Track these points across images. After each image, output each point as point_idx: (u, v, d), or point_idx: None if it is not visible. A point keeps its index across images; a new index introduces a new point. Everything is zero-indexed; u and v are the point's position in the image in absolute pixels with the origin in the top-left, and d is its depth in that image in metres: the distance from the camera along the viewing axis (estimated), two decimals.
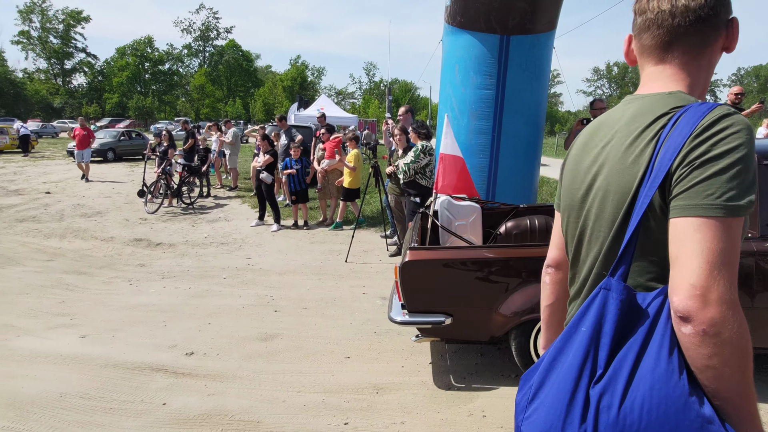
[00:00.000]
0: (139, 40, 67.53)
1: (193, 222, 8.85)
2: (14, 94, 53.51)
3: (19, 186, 12.47)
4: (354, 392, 3.25)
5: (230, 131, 12.12)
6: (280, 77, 70.25)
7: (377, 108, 58.81)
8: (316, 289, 5.38)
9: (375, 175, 6.61)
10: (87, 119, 21.12)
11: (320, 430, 2.84)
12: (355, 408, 3.07)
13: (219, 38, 75.26)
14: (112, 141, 20.08)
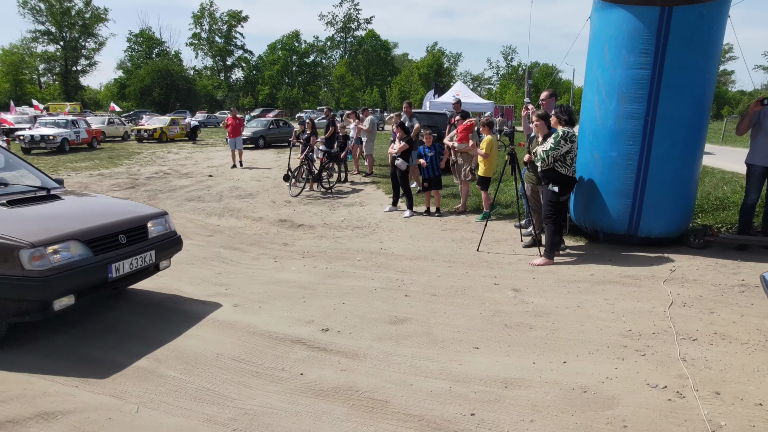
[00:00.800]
0: (287, 35, 72.77)
1: (331, 206, 9.35)
2: (187, 89, 61.11)
3: (189, 170, 14.25)
4: (482, 384, 3.19)
5: (367, 119, 12.54)
6: (416, 65, 70.97)
7: (514, 93, 56.72)
8: (446, 276, 5.37)
9: (511, 163, 6.37)
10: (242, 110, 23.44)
11: (446, 417, 2.83)
12: (482, 400, 3.01)
13: (359, 29, 78.16)
14: (263, 129, 22.01)
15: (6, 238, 3.33)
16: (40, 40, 63.56)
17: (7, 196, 4.22)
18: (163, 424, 2.80)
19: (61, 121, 20.70)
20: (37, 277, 3.29)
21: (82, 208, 4.47)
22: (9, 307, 3.41)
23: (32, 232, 3.46)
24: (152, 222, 4.35)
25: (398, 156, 8.19)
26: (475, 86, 76.36)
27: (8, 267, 3.30)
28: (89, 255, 3.64)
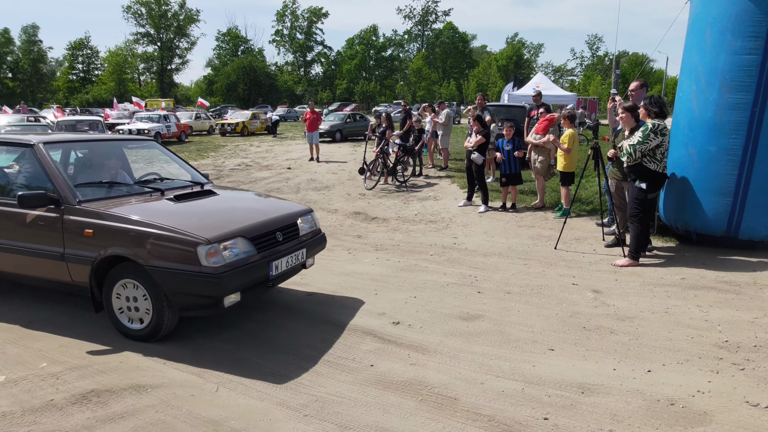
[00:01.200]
0: (365, 29, 73.57)
1: (405, 199, 9.37)
2: (269, 85, 63.65)
3: (269, 162, 14.83)
4: (557, 387, 3.06)
5: (443, 112, 12.41)
6: (494, 56, 69.31)
7: (599, 85, 53.82)
8: (522, 274, 5.20)
9: (594, 157, 6.04)
10: (320, 104, 24.02)
11: (517, 419, 2.74)
12: (556, 404, 2.88)
13: (437, 21, 77.47)
14: (340, 123, 22.44)
15: (185, 234, 3.38)
16: (140, 41, 68.86)
17: (172, 191, 4.30)
18: (240, 404, 2.93)
19: (155, 116, 22.37)
20: (212, 273, 3.30)
21: (239, 204, 4.48)
22: (184, 300, 3.47)
23: (205, 228, 3.48)
24: (301, 219, 4.29)
25: (474, 150, 8.03)
26: (557, 78, 73.32)
27: (186, 262, 3.33)
28: (254, 252, 3.62)
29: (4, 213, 3.95)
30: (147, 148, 5.54)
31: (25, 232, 3.86)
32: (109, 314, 3.73)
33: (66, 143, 4.61)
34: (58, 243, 3.73)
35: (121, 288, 3.62)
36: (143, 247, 3.42)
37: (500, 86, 51.54)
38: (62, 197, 3.74)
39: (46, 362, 3.40)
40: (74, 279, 3.74)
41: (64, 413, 2.84)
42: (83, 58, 67.64)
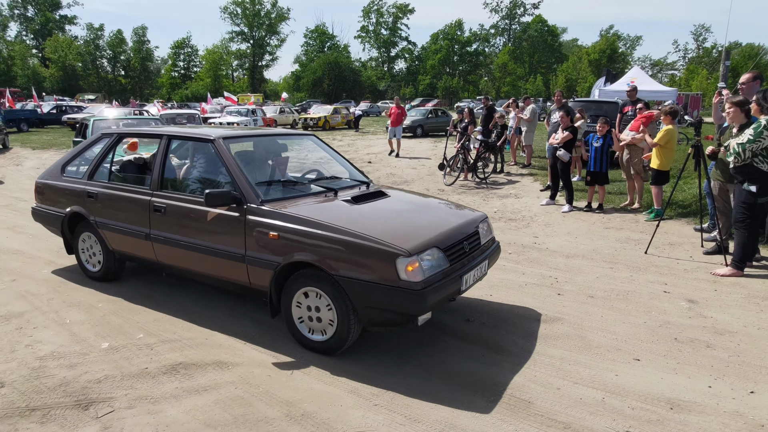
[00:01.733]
0: (450, 24, 72.75)
1: (484, 196, 9.18)
2: (353, 80, 64.84)
3: (350, 156, 15.11)
4: (641, 400, 2.85)
5: (528, 108, 12.00)
6: (586, 50, 65.97)
7: (704, 79, 49.53)
8: (606, 278, 4.91)
9: (695, 156, 5.56)
10: (403, 99, 24.05)
11: (595, 429, 2.59)
12: (641, 418, 2.69)
13: (525, 14, 74.98)
14: (422, 118, 22.38)
15: (382, 243, 3.05)
16: (234, 39, 72.76)
17: (343, 191, 4.05)
18: (313, 388, 3.02)
19: (243, 111, 23.57)
20: (410, 288, 2.96)
21: (418, 209, 4.02)
22: (375, 315, 3.14)
23: (400, 237, 3.16)
24: (481, 225, 3.90)
25: (560, 146, 7.68)
26: (655, 72, 68.46)
27: (383, 274, 3.00)
28: (447, 265, 3.25)
29: (183, 209, 3.86)
30: (305, 141, 5.27)
31: (203, 229, 3.73)
32: (287, 323, 3.49)
33: (242, 138, 4.30)
34: (238, 244, 3.53)
35: (302, 296, 3.36)
36: (333, 255, 3.13)
37: (591, 81, 48.97)
38: (244, 196, 3.55)
39: (142, 334, 3.70)
40: (252, 282, 3.55)
41: (156, 381, 3.07)
42: (184, 56, 72.64)
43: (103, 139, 4.78)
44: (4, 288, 4.57)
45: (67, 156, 5.03)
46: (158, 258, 4.10)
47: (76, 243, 4.80)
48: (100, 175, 4.63)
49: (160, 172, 4.11)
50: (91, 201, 4.50)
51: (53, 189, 4.91)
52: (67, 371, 3.17)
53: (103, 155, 4.63)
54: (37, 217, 5.12)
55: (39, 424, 2.66)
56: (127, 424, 2.66)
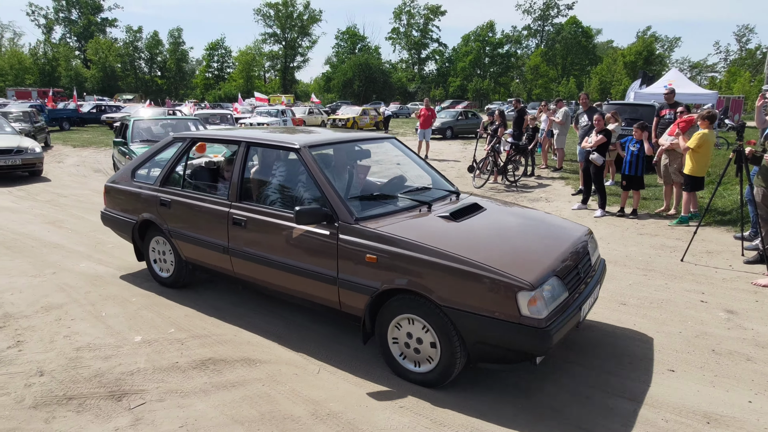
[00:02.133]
0: (481, 25, 72.16)
1: (514, 199, 9.06)
2: (383, 81, 65.01)
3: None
4: (675, 413, 2.77)
5: (561, 111, 11.80)
6: (621, 52, 64.48)
7: (747, 82, 47.80)
8: (640, 285, 4.78)
9: (737, 162, 5.36)
10: (433, 101, 23.84)
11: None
12: (675, 431, 2.60)
13: (559, 15, 73.81)
14: (451, 120, 22.28)
15: (500, 274, 2.68)
16: (267, 41, 73.88)
17: (436, 204, 3.67)
18: (339, 387, 3.03)
19: (273, 111, 23.76)
20: (533, 325, 2.61)
21: (523, 226, 3.63)
22: (488, 352, 2.80)
23: (518, 265, 2.78)
24: (588, 243, 3.51)
25: (594, 150, 7.53)
26: (694, 74, 66.43)
27: (500, 308, 2.66)
28: (566, 294, 2.89)
29: (266, 224, 3.57)
30: (385, 144, 4.82)
31: (289, 246, 3.43)
32: (383, 351, 3.18)
33: (326, 145, 3.88)
34: (329, 265, 3.23)
35: (400, 324, 3.05)
36: (441, 284, 2.80)
37: (626, 84, 47.87)
38: (336, 213, 3.22)
39: (173, 328, 3.78)
40: (344, 305, 3.25)
41: (186, 376, 3.13)
42: (218, 58, 74.16)
43: (174, 144, 4.49)
44: (45, 280, 4.74)
45: (137, 160, 4.80)
46: (236, 272, 3.85)
47: (147, 247, 4.64)
48: (173, 181, 4.39)
49: (239, 182, 3.79)
50: (164, 209, 4.26)
51: (124, 194, 4.69)
52: (102, 363, 3.27)
53: (175, 161, 4.35)
54: (107, 222, 4.96)
55: (75, 412, 2.74)
56: (158, 417, 2.72)
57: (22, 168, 10.31)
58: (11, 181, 10.20)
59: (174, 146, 4.50)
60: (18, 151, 10.14)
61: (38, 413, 2.73)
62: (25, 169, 10.42)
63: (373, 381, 3.10)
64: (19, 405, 2.80)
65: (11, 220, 7.03)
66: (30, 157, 10.32)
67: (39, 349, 3.43)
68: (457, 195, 4.04)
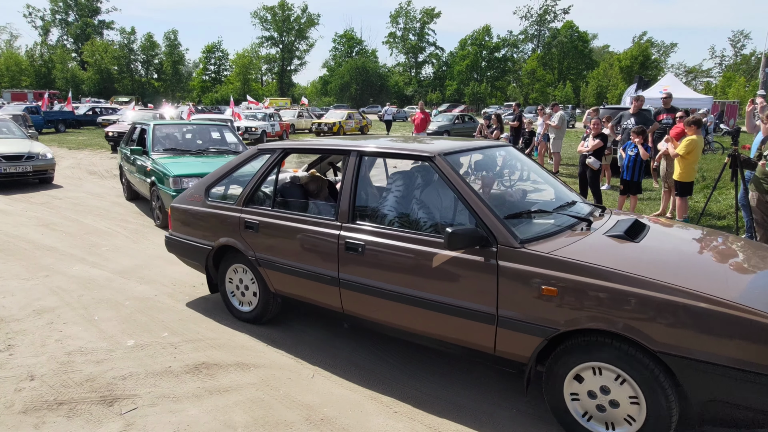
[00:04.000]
0: (478, 30, 72.41)
1: None
2: (380, 85, 65.12)
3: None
4: None
5: (557, 115, 11.83)
6: (617, 57, 64.80)
7: (742, 87, 48.14)
8: None
9: (732, 166, 5.37)
10: (429, 105, 23.68)
11: None
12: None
13: (555, 20, 74.15)
14: (448, 124, 22.32)
15: (752, 312, 2.11)
16: (264, 44, 73.91)
17: (599, 222, 3.09)
18: (333, 393, 3.00)
19: (260, 114, 22.81)
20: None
21: (710, 244, 3.12)
22: (720, 410, 2.22)
23: (755, 297, 2.24)
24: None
25: (590, 154, 7.54)
26: (689, 79, 66.79)
27: (753, 356, 2.09)
28: None
29: (394, 249, 2.94)
30: (502, 152, 4.04)
31: (426, 276, 2.84)
32: (555, 408, 2.59)
33: (464, 152, 3.33)
34: (485, 299, 2.65)
35: (583, 374, 2.47)
36: (662, 325, 2.22)
37: (621, 88, 48.08)
38: (494, 235, 2.65)
39: (167, 332, 3.75)
40: (501, 350, 2.67)
41: (179, 380, 3.10)
42: (215, 60, 74.10)
43: (260, 156, 3.88)
44: (38, 283, 4.70)
45: (212, 176, 4.10)
46: (346, 308, 3.23)
47: (223, 277, 4.00)
48: (259, 200, 3.82)
49: (350, 199, 3.19)
50: (249, 233, 3.63)
51: (196, 216, 4.05)
52: (94, 367, 3.23)
53: (262, 176, 3.71)
54: (173, 248, 4.35)
55: (66, 418, 2.71)
56: (150, 422, 2.69)
57: (33, 175, 9.70)
58: (21, 188, 9.61)
59: (259, 159, 3.89)
60: (29, 157, 9.52)
61: (28, 418, 2.70)
62: (35, 176, 9.81)
63: (368, 386, 3.07)
64: (8, 410, 2.76)
65: (4, 222, 6.98)
66: (41, 164, 9.69)
67: (30, 353, 3.39)
68: (602, 208, 3.47)
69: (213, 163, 7.08)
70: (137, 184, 7.95)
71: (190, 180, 6.41)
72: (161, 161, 7.01)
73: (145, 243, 6.12)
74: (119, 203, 8.52)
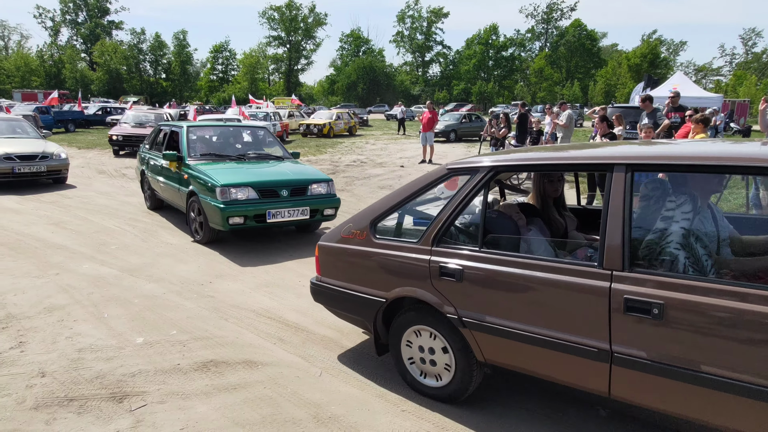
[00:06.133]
0: (485, 28, 72.19)
1: None
2: (386, 84, 65.11)
3: (383, 159, 15.16)
4: None
5: (564, 113, 11.77)
6: (626, 55, 64.40)
7: (753, 85, 47.68)
8: None
9: None
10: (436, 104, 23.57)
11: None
12: None
13: (563, 18, 73.77)
14: (455, 123, 22.29)
15: None
16: (271, 44, 74.13)
17: None
18: (341, 391, 3.01)
19: (260, 114, 22.33)
20: None
21: None
22: None
23: None
24: None
25: None
26: (699, 78, 66.25)
27: None
28: None
29: (729, 311, 1.99)
30: None
31: None
32: None
33: None
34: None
35: None
36: None
37: (630, 87, 47.79)
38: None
39: (175, 330, 3.78)
40: (616, 394, 2.28)
41: (187, 378, 3.12)
42: (223, 60, 74.39)
43: (450, 178, 2.94)
44: (48, 281, 4.74)
45: (379, 206, 3.16)
46: (616, 393, 2.29)
47: (398, 339, 3.03)
48: (458, 237, 2.89)
49: (624, 236, 2.23)
50: (447, 282, 2.69)
51: (359, 258, 3.11)
52: (104, 364, 3.26)
53: (461, 204, 2.74)
54: (323, 299, 3.41)
55: (76, 414, 2.74)
56: (159, 419, 2.71)
57: (47, 175, 9.66)
58: (32, 187, 9.66)
59: (450, 182, 3.00)
60: (43, 157, 9.46)
61: (39, 414, 2.73)
62: (49, 176, 9.78)
63: (375, 385, 3.08)
64: (20, 406, 2.79)
65: (15, 221, 7.05)
66: (55, 164, 9.64)
67: (41, 350, 3.43)
68: None
69: (259, 170, 6.39)
70: (168, 194, 7.03)
71: (238, 190, 5.62)
72: (202, 168, 6.11)
73: (153, 241, 6.17)
74: (128, 202, 8.58)
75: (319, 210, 6.05)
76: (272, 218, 5.70)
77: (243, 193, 5.63)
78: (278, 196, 5.83)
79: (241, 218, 5.54)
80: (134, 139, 15.08)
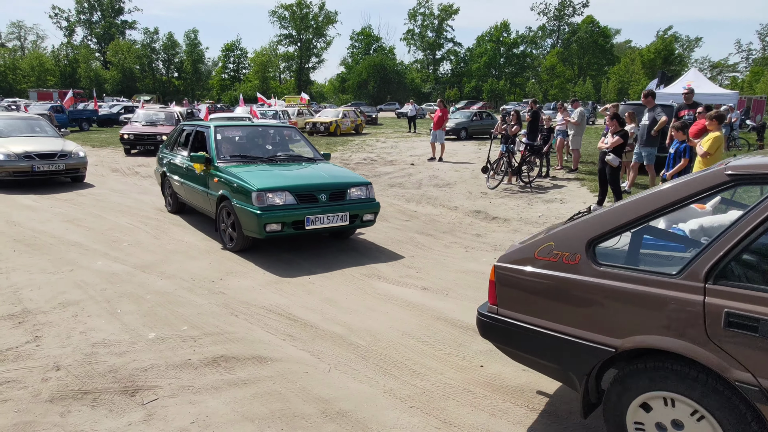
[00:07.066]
0: (496, 26, 71.79)
1: (528, 200, 9.00)
2: (397, 82, 65.04)
3: (393, 158, 15.15)
4: None
5: (576, 111, 11.70)
6: (639, 51, 63.69)
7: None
8: None
9: None
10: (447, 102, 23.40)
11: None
12: None
13: (575, 15, 73.12)
14: (466, 121, 22.20)
15: None
16: (282, 42, 74.41)
17: None
18: (349, 387, 3.03)
19: (270, 113, 22.35)
20: None
21: None
22: None
23: None
24: None
25: (609, 151, 7.44)
26: (714, 74, 65.32)
27: None
28: None
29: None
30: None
31: None
32: None
33: None
34: None
35: None
36: None
37: (644, 84, 47.26)
38: None
39: (187, 326, 3.82)
40: None
41: (198, 372, 3.17)
42: (234, 59, 74.81)
43: (727, 186, 2.10)
44: (63, 277, 4.82)
45: (598, 222, 2.36)
46: None
47: (622, 409, 2.24)
48: (753, 272, 2.03)
49: None
50: (740, 337, 1.90)
51: (570, 288, 2.34)
52: (117, 359, 3.32)
53: (760, 225, 1.92)
54: (497, 335, 2.65)
55: (90, 407, 2.79)
56: (170, 413, 2.75)
57: (65, 173, 9.71)
58: (47, 185, 9.74)
59: (728, 190, 2.17)
60: (62, 156, 9.51)
61: (54, 407, 2.78)
62: (67, 175, 9.82)
63: (383, 381, 3.10)
64: (35, 399, 2.85)
65: (31, 218, 7.17)
66: (74, 162, 9.68)
67: (56, 345, 3.49)
68: None
69: (294, 173, 6.05)
70: (193, 199, 6.70)
71: (276, 194, 5.30)
72: (234, 171, 5.76)
73: (165, 239, 6.24)
74: (141, 200, 8.68)
75: (359, 215, 5.73)
76: (311, 225, 5.36)
77: (280, 197, 5.30)
78: (317, 201, 5.48)
79: (278, 225, 5.19)
80: (145, 137, 15.29)
